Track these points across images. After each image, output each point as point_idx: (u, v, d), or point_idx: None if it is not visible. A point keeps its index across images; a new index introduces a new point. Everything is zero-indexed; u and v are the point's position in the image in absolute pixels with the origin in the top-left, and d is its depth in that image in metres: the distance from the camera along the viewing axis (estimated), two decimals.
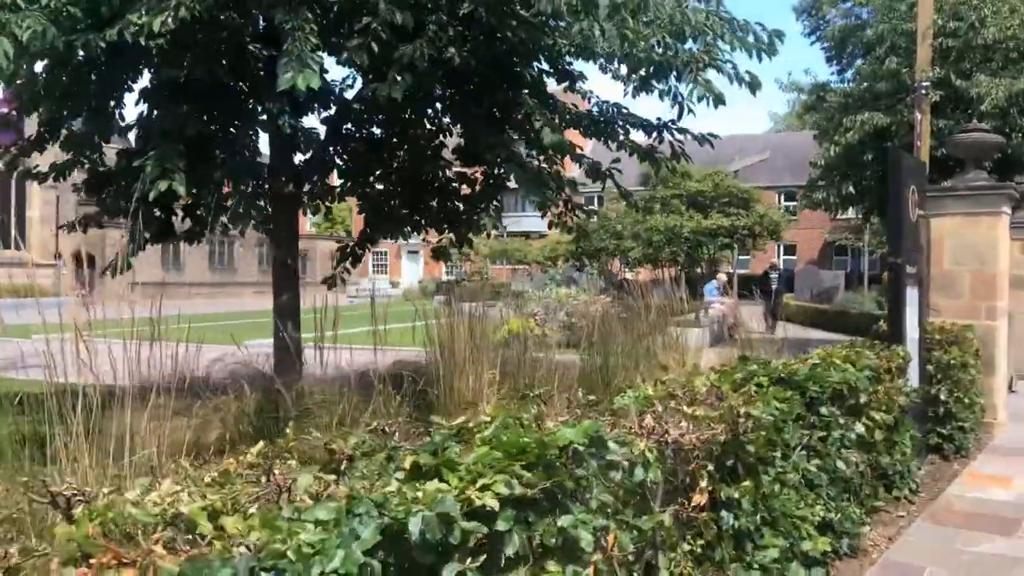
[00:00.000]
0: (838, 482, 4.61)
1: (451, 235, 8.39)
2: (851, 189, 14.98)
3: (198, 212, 7.04)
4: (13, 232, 39.79)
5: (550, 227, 8.77)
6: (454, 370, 5.88)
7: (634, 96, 6.70)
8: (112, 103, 6.29)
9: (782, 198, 44.64)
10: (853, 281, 34.55)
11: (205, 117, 5.71)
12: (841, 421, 4.73)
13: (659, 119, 6.93)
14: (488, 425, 2.63)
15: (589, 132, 7.08)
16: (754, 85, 5.55)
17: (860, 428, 5.06)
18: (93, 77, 5.81)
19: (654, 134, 6.94)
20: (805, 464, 4.18)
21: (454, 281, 49.98)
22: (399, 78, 4.95)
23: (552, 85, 7.76)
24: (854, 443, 4.95)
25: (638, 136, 7.64)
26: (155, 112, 5.89)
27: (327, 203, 8.20)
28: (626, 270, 27.60)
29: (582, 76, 7.72)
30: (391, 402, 5.30)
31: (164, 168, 5.05)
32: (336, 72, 17.72)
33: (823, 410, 4.52)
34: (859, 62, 15.16)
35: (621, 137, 7.09)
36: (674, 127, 6.79)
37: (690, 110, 6.13)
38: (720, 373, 4.35)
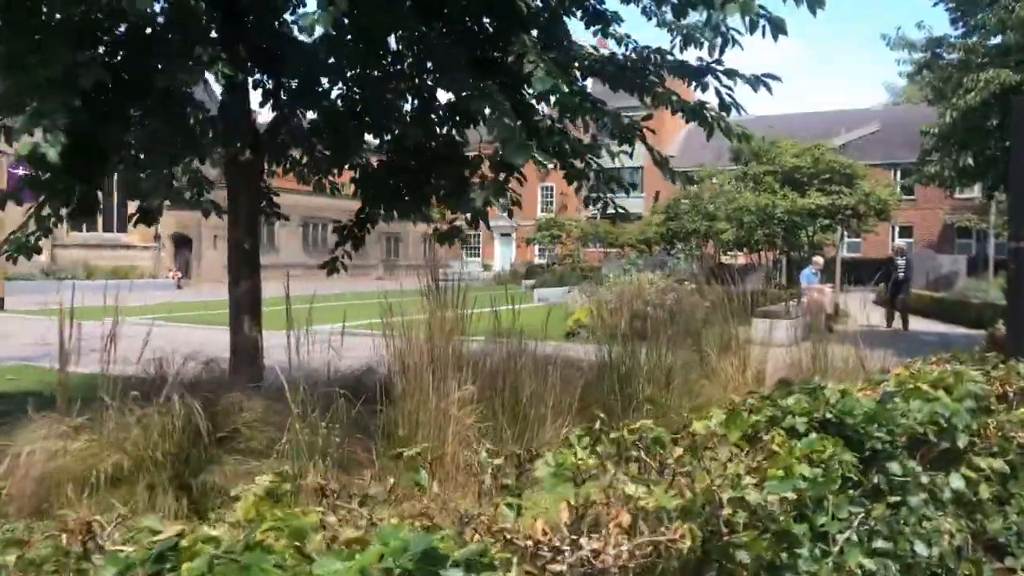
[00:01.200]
0: (917, 571, 3.13)
1: (466, 215, 7.10)
2: (970, 161, 12.83)
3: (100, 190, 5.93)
4: (115, 214, 40.95)
5: (586, 205, 7.37)
6: (419, 383, 4.63)
7: (672, 35, 5.26)
8: None
9: (898, 175, 41.17)
10: (977, 267, 31.37)
11: (111, 62, 4.62)
12: (924, 480, 3.24)
13: (700, 59, 5.43)
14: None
15: (616, 83, 5.65)
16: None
17: (958, 483, 3.54)
18: None
19: (694, 82, 5.44)
20: (858, 557, 2.74)
21: (545, 264, 48.83)
22: None
23: (579, 30, 6.36)
24: (947, 505, 3.44)
25: (684, 92, 6.16)
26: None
27: (326, 177, 7.04)
28: (723, 254, 25.71)
29: (617, 18, 6.29)
30: (316, 430, 4.09)
31: (38, 125, 3.98)
32: None
33: (893, 467, 3.06)
34: (981, 15, 12.96)
35: (658, 89, 5.63)
36: (719, 69, 5.29)
37: (735, 42, 4.66)
38: (730, 415, 2.94)
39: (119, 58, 4.76)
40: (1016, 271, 4.69)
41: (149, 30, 4.85)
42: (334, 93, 5.75)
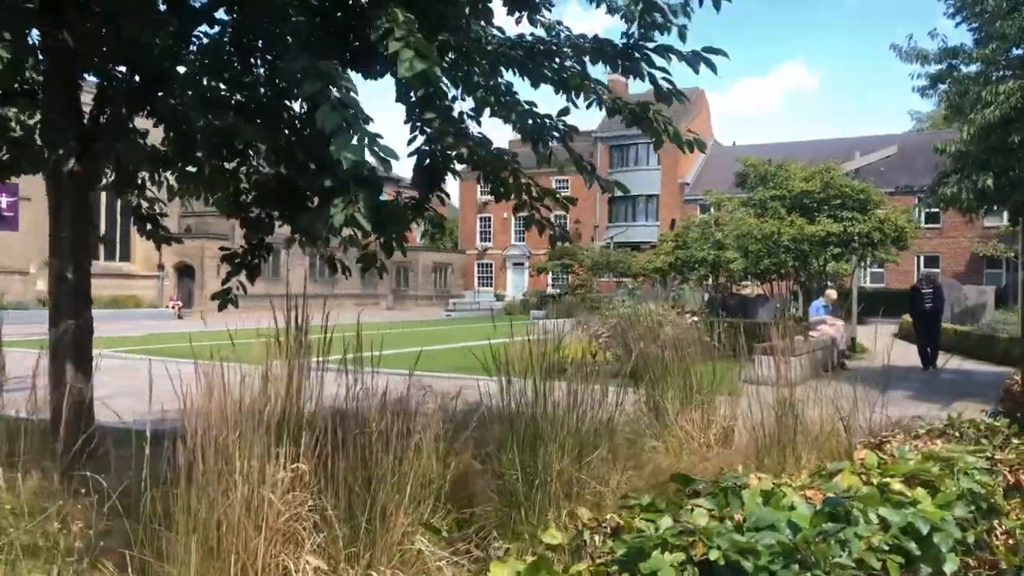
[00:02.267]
0: None
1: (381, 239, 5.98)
2: (990, 183, 11.53)
3: None
4: (118, 244, 40.40)
5: (527, 226, 6.25)
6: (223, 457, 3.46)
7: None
8: None
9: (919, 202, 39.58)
10: (1007, 298, 29.73)
11: None
12: None
13: (626, 34, 4.29)
14: None
15: (525, 70, 4.52)
16: None
17: None
18: None
19: (623, 68, 4.29)
20: None
21: (556, 294, 47.61)
22: None
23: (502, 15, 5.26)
24: None
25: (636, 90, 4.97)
26: None
27: (196, 197, 5.93)
28: (734, 284, 24.39)
29: (546, 1, 5.20)
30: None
31: None
32: None
33: None
34: (1000, 23, 11.74)
35: (580, 79, 4.49)
36: (648, 47, 4.15)
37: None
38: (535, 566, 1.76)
39: None
40: None
41: None
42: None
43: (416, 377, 4.37)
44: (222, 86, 4.39)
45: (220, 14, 4.32)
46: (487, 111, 4.52)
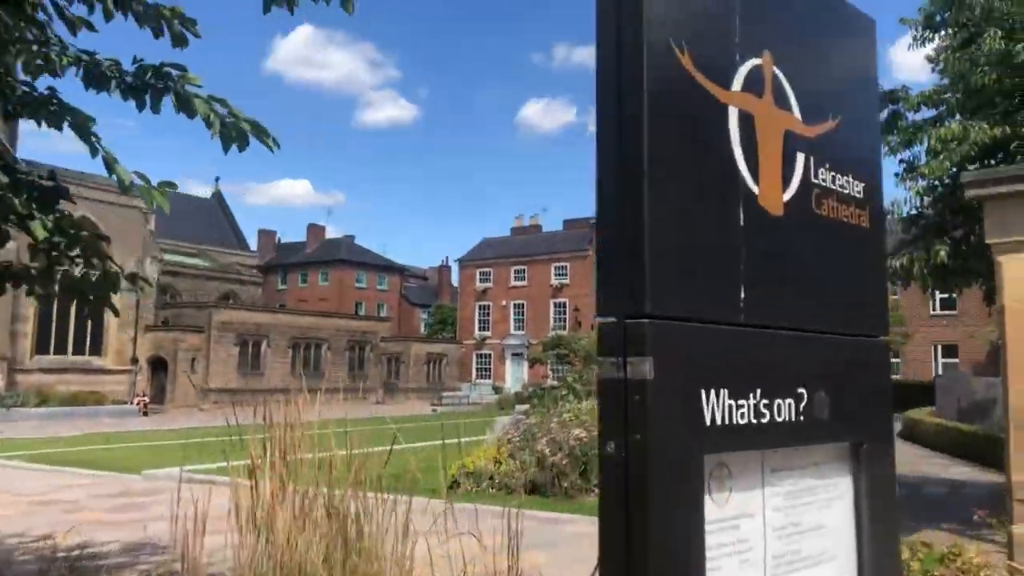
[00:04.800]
0: None
1: None
2: (944, 254, 9.20)
3: None
4: (88, 337, 38.90)
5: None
6: None
7: None
8: None
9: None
10: None
11: None
12: None
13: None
14: None
15: None
16: None
17: None
18: None
19: None
20: None
21: (538, 388, 44.86)
22: None
23: None
24: None
25: None
26: None
27: None
28: None
29: None
30: None
31: None
32: None
33: None
34: (945, 54, 9.68)
35: None
36: None
37: None
38: None
39: None
40: None
41: None
42: None
43: None
44: None
45: None
46: None
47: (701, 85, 1.56)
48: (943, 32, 10.02)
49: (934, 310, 38.02)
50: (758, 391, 1.61)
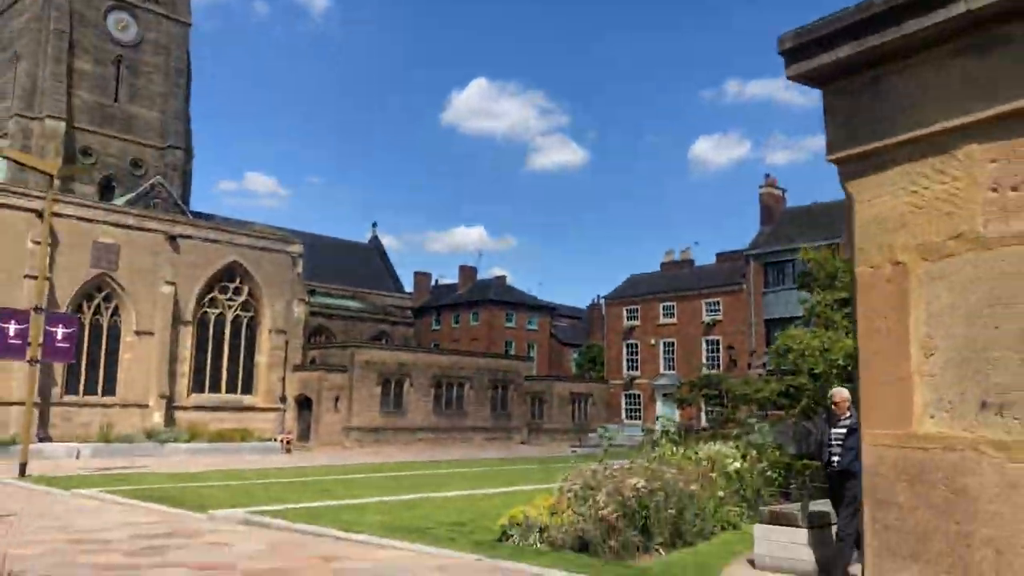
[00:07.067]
0: None
1: None
2: None
3: None
4: (240, 376, 40.71)
5: None
6: None
7: None
8: None
9: None
10: None
11: None
12: None
13: None
14: None
15: None
16: None
17: None
18: None
19: None
20: None
21: (686, 427, 42.27)
22: None
23: None
24: None
25: None
26: None
27: None
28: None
29: None
30: None
31: None
32: None
33: None
34: None
35: None
36: None
37: None
38: None
39: None
40: None
41: None
42: None
43: None
44: None
45: None
46: None
47: None
48: None
49: None
50: None
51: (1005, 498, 1.40)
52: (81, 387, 35.32)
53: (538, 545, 10.56)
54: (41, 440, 31.97)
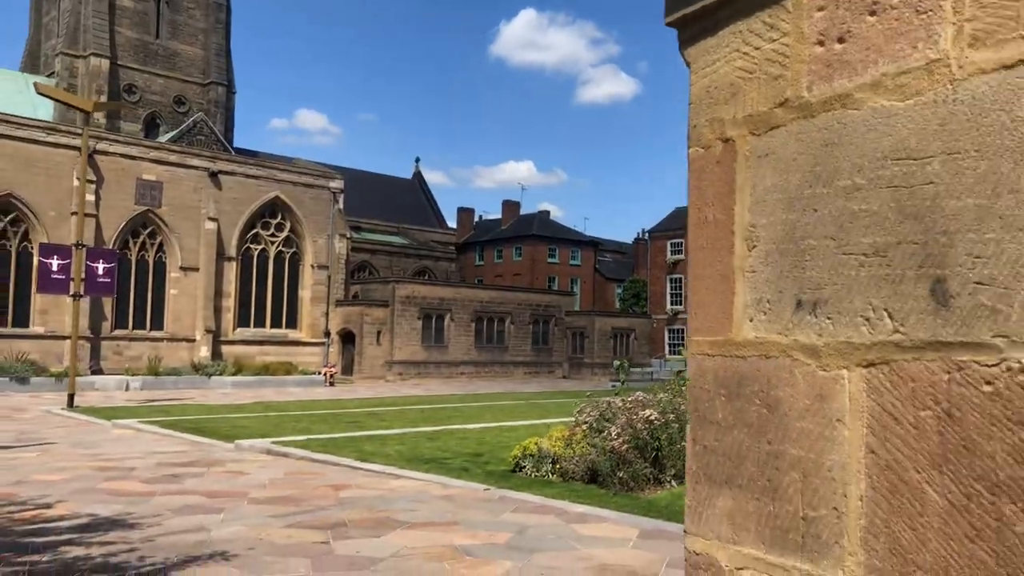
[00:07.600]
0: None
1: None
2: None
3: None
4: (284, 312, 41.38)
5: None
6: None
7: None
8: None
9: None
10: None
11: None
12: None
13: None
14: None
15: None
16: None
17: None
18: None
19: None
20: None
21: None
22: None
23: None
24: None
25: None
26: None
27: None
28: None
29: None
30: None
31: None
32: None
33: None
34: None
35: None
36: None
37: None
38: None
39: None
40: None
41: None
42: None
43: None
44: None
45: None
46: None
47: None
48: None
49: None
50: None
51: (814, 412, 1.18)
52: (130, 322, 36.26)
53: (550, 476, 10.52)
54: (93, 372, 33.06)
